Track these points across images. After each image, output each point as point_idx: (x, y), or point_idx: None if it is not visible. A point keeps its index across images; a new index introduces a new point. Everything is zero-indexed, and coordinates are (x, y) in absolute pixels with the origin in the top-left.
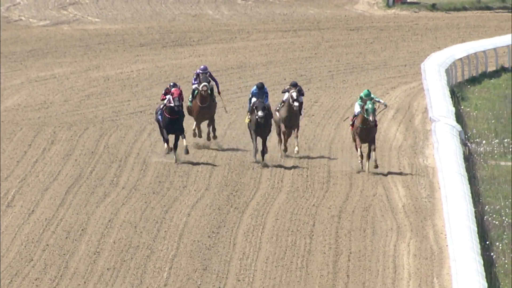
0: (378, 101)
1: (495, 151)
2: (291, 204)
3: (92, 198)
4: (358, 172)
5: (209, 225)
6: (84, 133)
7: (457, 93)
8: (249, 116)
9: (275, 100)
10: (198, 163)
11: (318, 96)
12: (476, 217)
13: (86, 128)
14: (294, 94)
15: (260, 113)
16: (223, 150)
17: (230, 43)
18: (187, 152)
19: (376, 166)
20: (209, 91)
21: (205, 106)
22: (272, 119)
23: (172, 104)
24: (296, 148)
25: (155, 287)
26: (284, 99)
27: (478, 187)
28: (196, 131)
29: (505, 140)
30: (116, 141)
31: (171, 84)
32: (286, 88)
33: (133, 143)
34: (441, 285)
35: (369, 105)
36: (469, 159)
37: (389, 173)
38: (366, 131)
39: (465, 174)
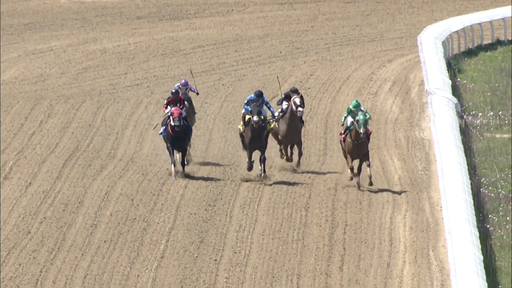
0: (366, 113)
1: (491, 124)
2: (287, 176)
3: (89, 170)
4: (343, 187)
5: (206, 198)
6: (81, 106)
7: (453, 65)
8: (243, 127)
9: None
10: (195, 136)
11: (314, 69)
12: (472, 189)
13: (83, 101)
14: (297, 100)
15: (255, 118)
16: (222, 118)
17: (227, 16)
18: (187, 163)
19: (371, 183)
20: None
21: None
22: (267, 131)
23: (172, 124)
24: (297, 168)
25: (152, 259)
26: (283, 108)
27: (474, 160)
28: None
29: (501, 113)
30: (113, 114)
31: (172, 91)
32: (281, 98)
33: (130, 115)
34: (436, 257)
35: (360, 116)
36: (465, 132)
37: (385, 145)
38: (357, 147)
39: (461, 146)
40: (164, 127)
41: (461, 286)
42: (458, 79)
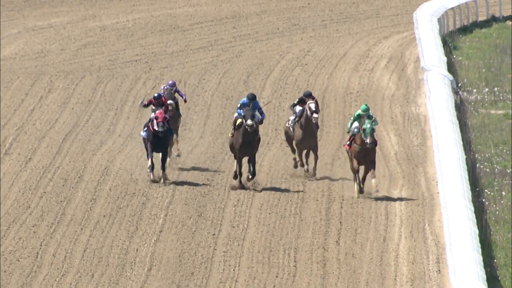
0: (374, 120)
1: (486, 100)
2: (285, 151)
3: (89, 146)
4: (358, 197)
5: (204, 173)
6: (81, 82)
7: (449, 42)
8: (233, 132)
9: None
10: (193, 111)
11: (311, 45)
12: (467, 164)
13: (82, 77)
14: (313, 105)
15: (249, 122)
16: (220, 94)
17: None
18: (164, 169)
19: (376, 191)
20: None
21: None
22: (258, 137)
23: (156, 128)
24: (314, 172)
25: (151, 233)
26: (297, 112)
27: (469, 135)
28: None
29: (496, 89)
30: (112, 90)
31: (155, 95)
32: (295, 102)
33: (129, 91)
34: (432, 231)
35: (367, 125)
36: (460, 108)
37: (382, 121)
38: (364, 152)
39: (457, 122)
40: (146, 128)
41: (457, 260)
42: (454, 56)
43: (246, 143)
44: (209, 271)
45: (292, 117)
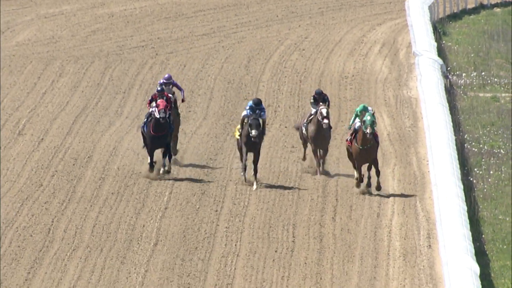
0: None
1: (474, 83)
2: (283, 132)
3: (98, 127)
4: (363, 194)
5: (207, 152)
6: (90, 66)
7: (439, 28)
8: (240, 131)
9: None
10: (197, 94)
11: (308, 32)
12: (456, 144)
13: (92, 62)
14: (324, 111)
15: (253, 132)
16: (222, 78)
17: None
18: (168, 171)
19: (379, 188)
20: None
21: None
22: (263, 136)
23: (157, 116)
24: (318, 175)
25: (156, 210)
26: (312, 112)
27: (458, 117)
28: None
29: (483, 73)
30: (120, 74)
31: (158, 89)
32: (312, 101)
33: (136, 75)
34: (423, 208)
35: (367, 117)
36: (450, 91)
37: (375, 104)
38: (365, 152)
39: (446, 104)
40: (145, 122)
41: (447, 235)
42: (444, 42)
43: (251, 146)
44: (211, 245)
45: (304, 120)
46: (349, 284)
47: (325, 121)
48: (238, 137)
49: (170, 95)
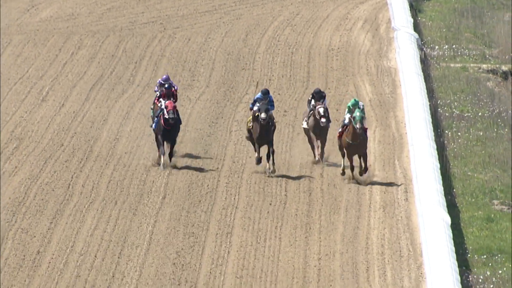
0: (363, 110)
1: (446, 55)
2: (277, 98)
3: (112, 94)
4: (343, 174)
5: (209, 116)
6: (106, 40)
7: (414, 6)
8: (251, 123)
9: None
10: (200, 65)
11: (299, 9)
12: (430, 109)
13: (107, 36)
14: (321, 110)
15: (263, 115)
16: (223, 50)
17: None
18: (170, 158)
19: (366, 170)
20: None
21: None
22: (274, 127)
23: (166, 117)
24: (317, 158)
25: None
26: (311, 107)
27: (432, 85)
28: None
29: (454, 46)
30: (132, 47)
31: (166, 86)
32: (310, 99)
33: (146, 48)
34: (401, 166)
35: (357, 113)
36: (424, 62)
37: (359, 73)
38: (355, 147)
39: (421, 73)
40: (156, 120)
41: (422, 190)
42: (419, 18)
43: (263, 133)
44: (213, 199)
45: (306, 116)
46: (335, 233)
47: (323, 120)
48: (250, 127)
49: (174, 86)
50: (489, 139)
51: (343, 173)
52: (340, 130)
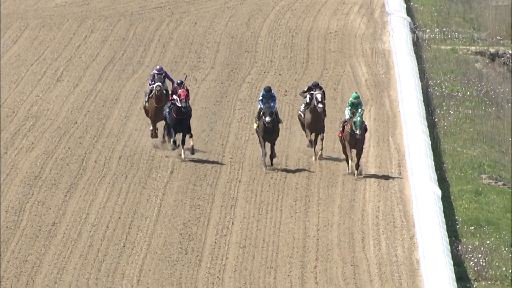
0: (361, 108)
1: (437, 38)
2: (278, 78)
3: (123, 74)
4: (349, 174)
5: (214, 95)
6: (117, 24)
7: None
8: (257, 122)
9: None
10: (206, 47)
11: None
12: (422, 89)
13: (118, 20)
14: (319, 96)
15: (267, 118)
16: (227, 33)
17: None
18: (193, 152)
19: (358, 167)
20: (163, 91)
21: (161, 106)
22: (279, 125)
23: (179, 105)
24: (320, 152)
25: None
26: (307, 101)
27: (424, 66)
28: (153, 131)
29: (445, 29)
30: (142, 30)
31: (178, 82)
32: (305, 90)
33: (155, 31)
34: (395, 142)
35: (357, 118)
36: (416, 44)
37: (355, 55)
38: (355, 138)
39: (414, 55)
40: (168, 109)
41: (414, 164)
42: (411, 3)
43: (267, 133)
44: (218, 173)
45: (302, 106)
46: (333, 205)
47: (320, 105)
48: (257, 127)
49: (159, 83)
50: (478, 117)
51: (350, 165)
52: (340, 129)
